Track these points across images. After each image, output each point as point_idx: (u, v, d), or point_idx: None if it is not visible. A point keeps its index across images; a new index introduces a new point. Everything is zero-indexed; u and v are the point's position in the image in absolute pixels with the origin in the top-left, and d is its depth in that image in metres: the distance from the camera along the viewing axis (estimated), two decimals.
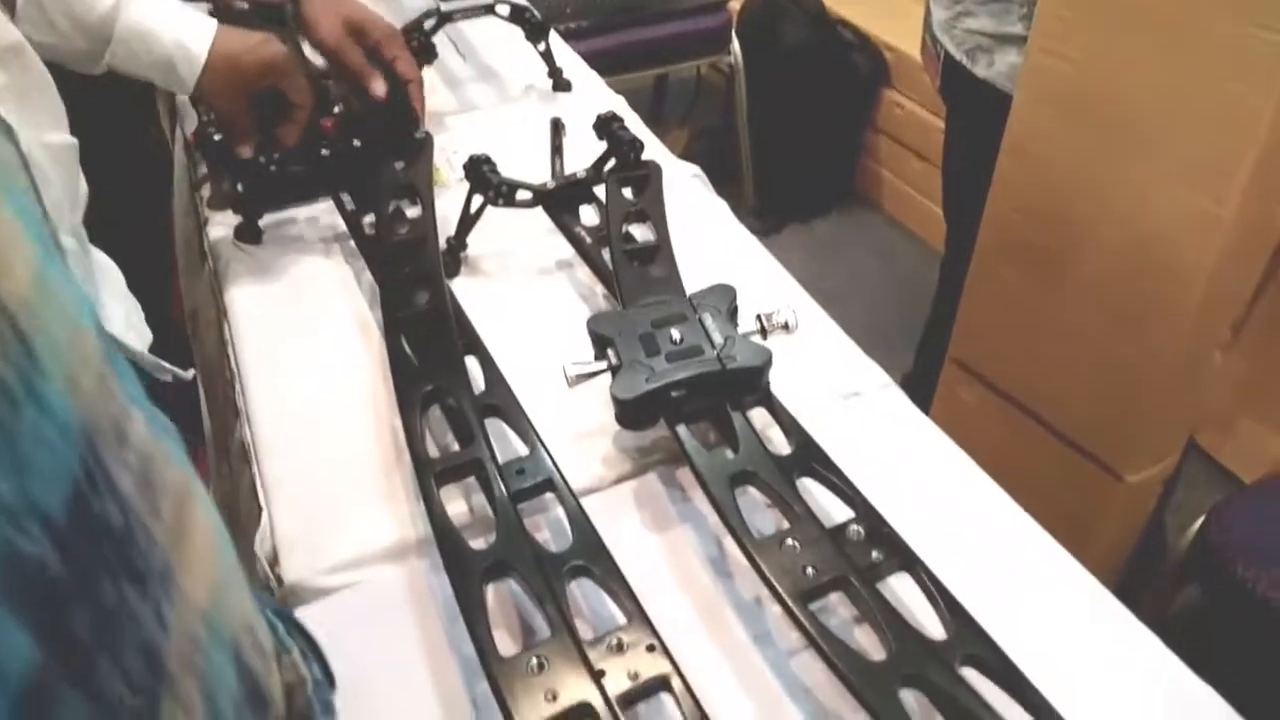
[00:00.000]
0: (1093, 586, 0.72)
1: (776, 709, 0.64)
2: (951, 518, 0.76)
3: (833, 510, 0.72)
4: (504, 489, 0.70)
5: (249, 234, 1.06)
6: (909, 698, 0.57)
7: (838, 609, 0.67)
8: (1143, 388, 1.23)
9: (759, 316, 0.81)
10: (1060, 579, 0.73)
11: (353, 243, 1.03)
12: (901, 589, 0.66)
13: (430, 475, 0.71)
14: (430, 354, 0.82)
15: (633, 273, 0.90)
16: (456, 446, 0.76)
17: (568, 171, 1.05)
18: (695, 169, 1.24)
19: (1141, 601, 0.68)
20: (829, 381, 0.89)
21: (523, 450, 0.76)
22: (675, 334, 0.78)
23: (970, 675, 0.58)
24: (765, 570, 0.64)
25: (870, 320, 0.90)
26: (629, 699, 0.58)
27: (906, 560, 0.66)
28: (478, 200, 0.98)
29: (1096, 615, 0.70)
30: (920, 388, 1.51)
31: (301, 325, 0.96)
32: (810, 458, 0.74)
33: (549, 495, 0.74)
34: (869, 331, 0.92)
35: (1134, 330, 1.24)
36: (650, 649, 0.61)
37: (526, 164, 1.04)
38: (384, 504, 0.77)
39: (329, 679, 0.40)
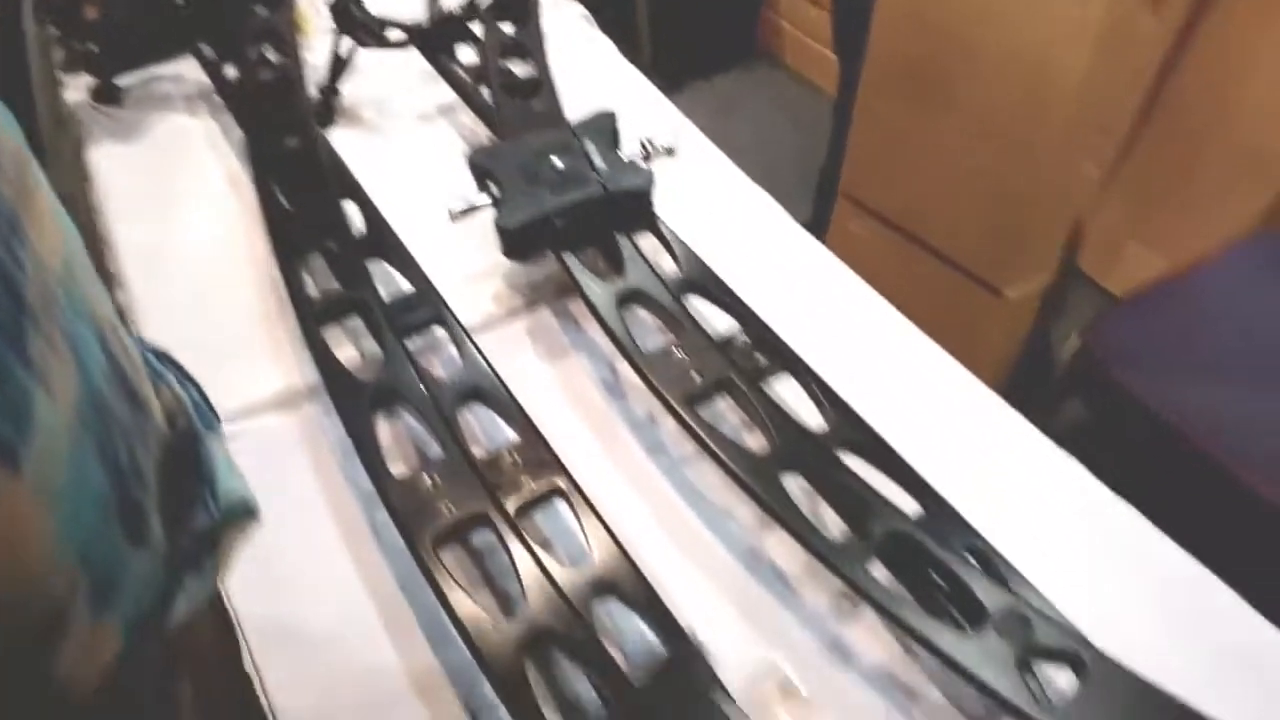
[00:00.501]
0: (980, 389, 0.75)
1: (670, 511, 0.66)
2: (839, 330, 0.78)
3: (723, 328, 0.73)
4: (389, 323, 0.69)
5: (107, 95, 1.00)
6: (792, 484, 0.60)
7: (727, 415, 0.69)
8: (1018, 202, 1.26)
9: (641, 141, 0.80)
10: (948, 384, 0.75)
11: (219, 97, 0.98)
12: (786, 390, 0.67)
13: (312, 315, 0.70)
14: (304, 199, 0.80)
15: (513, 107, 0.88)
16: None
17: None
18: (582, 10, 1.20)
19: (1028, 417, 0.72)
20: (716, 206, 0.89)
21: (409, 290, 0.75)
22: (557, 162, 0.77)
23: (857, 467, 0.61)
24: (653, 380, 0.65)
25: (772, 174, 0.90)
26: (525, 509, 0.59)
27: (789, 362, 0.67)
28: (347, 43, 0.94)
29: (985, 418, 0.73)
30: (817, 232, 1.53)
31: (170, 185, 0.92)
32: (698, 277, 0.75)
33: (439, 332, 0.73)
34: (770, 186, 0.92)
35: (1011, 147, 1.26)
36: (544, 464, 0.61)
37: (401, 8, 0.99)
38: (269, 354, 0.76)
39: (207, 402, 0.41)
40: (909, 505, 0.59)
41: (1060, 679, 0.50)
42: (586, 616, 0.54)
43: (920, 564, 0.55)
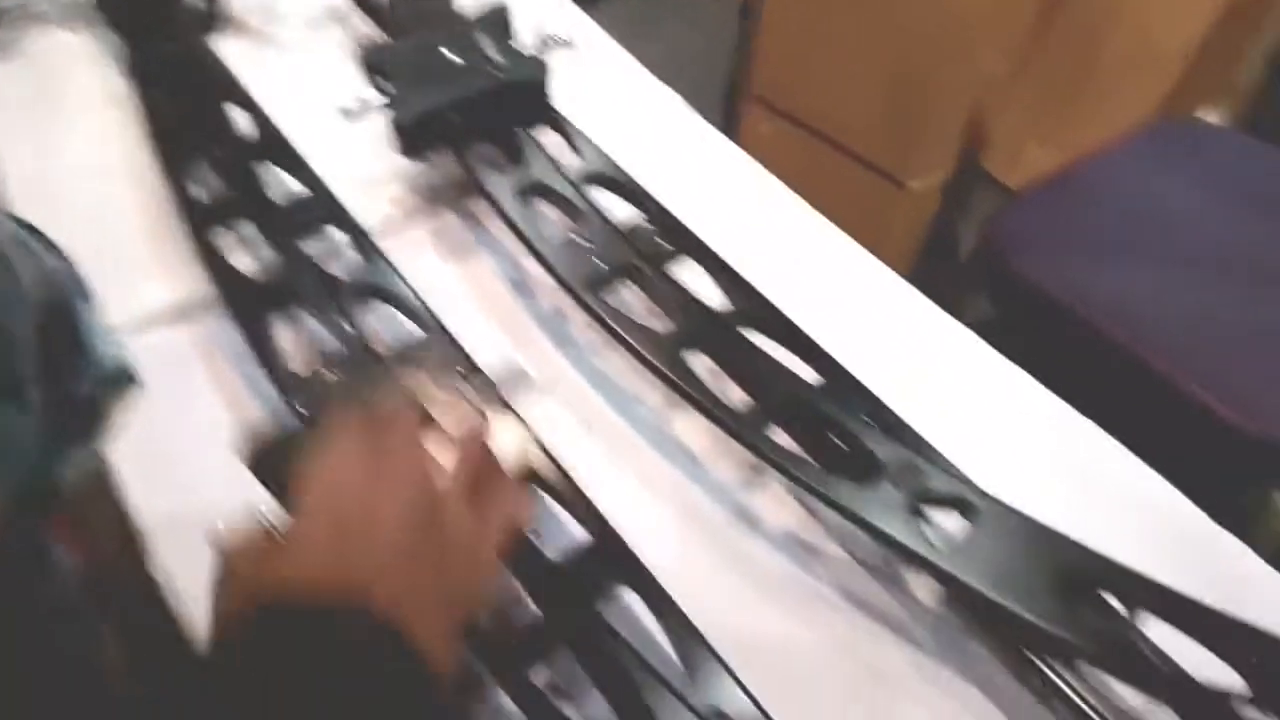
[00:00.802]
0: (885, 273, 0.76)
1: (580, 397, 0.67)
2: (746, 220, 0.78)
3: (626, 217, 0.73)
4: (282, 225, 0.67)
5: None
6: (697, 363, 0.60)
7: (633, 306, 0.69)
8: (919, 94, 1.27)
9: (537, 35, 0.79)
10: (855, 270, 0.77)
11: (98, 9, 0.93)
12: (689, 274, 0.67)
13: (199, 221, 0.68)
14: (188, 107, 0.77)
15: (405, 6, 0.85)
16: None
17: None
18: None
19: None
20: (621, 105, 0.89)
21: (303, 193, 0.73)
22: (451, 57, 0.75)
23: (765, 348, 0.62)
24: (556, 269, 0.65)
25: (682, 82, 0.89)
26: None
27: (692, 247, 0.68)
28: None
29: (890, 300, 0.75)
30: (727, 136, 1.53)
31: (51, 102, 0.88)
32: (599, 168, 0.74)
33: (337, 235, 0.72)
34: (680, 93, 0.91)
35: (911, 40, 1.27)
36: (449, 358, 0.61)
37: None
38: (161, 267, 0.73)
39: (79, 276, 0.40)
40: (810, 375, 0.60)
41: (951, 524, 0.53)
42: None
43: (819, 427, 0.57)
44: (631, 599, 0.53)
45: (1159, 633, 0.49)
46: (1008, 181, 1.79)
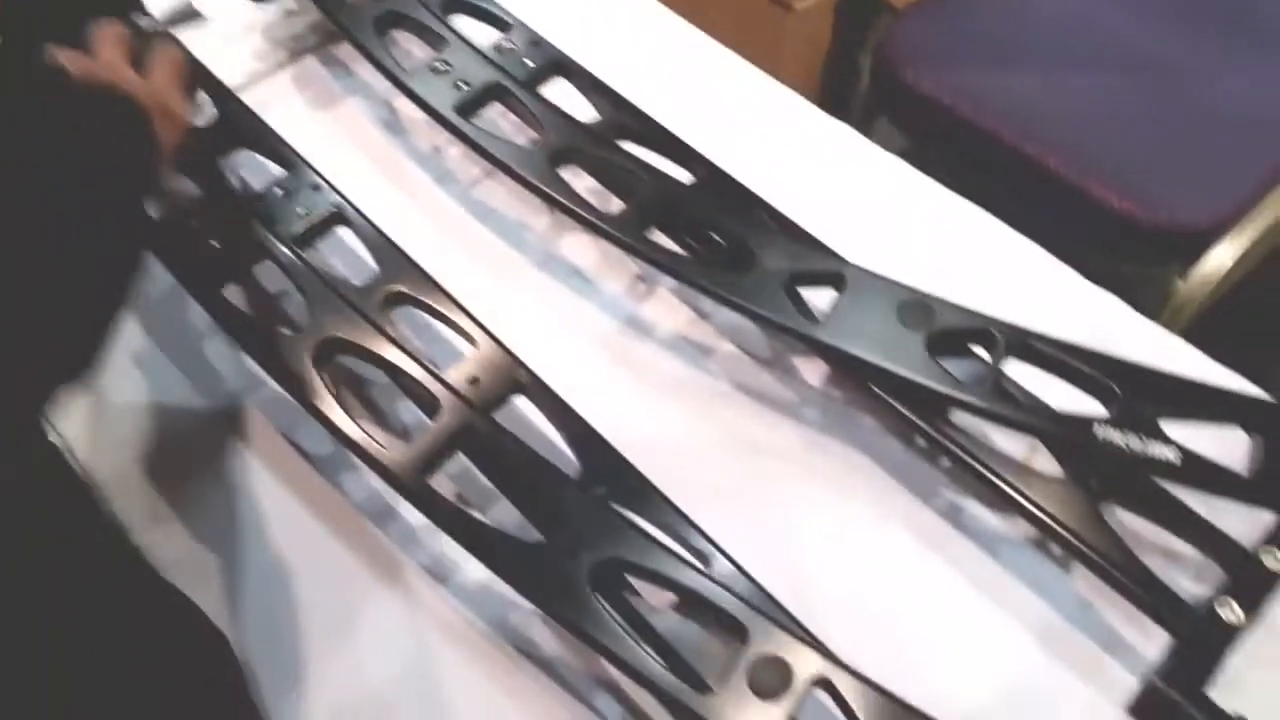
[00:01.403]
0: (780, 90, 0.75)
1: (465, 230, 0.66)
2: (629, 46, 0.76)
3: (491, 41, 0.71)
4: None
5: None
6: (574, 179, 0.60)
7: (505, 129, 0.68)
8: None
9: None
10: (749, 89, 0.75)
11: None
12: (561, 95, 0.66)
13: None
14: None
15: None
16: None
17: None
18: None
19: None
20: None
21: None
22: None
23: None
24: (421, 96, 0.63)
25: None
26: (305, 237, 0.58)
27: (561, 66, 0.66)
28: None
29: (787, 116, 0.74)
30: None
31: None
32: None
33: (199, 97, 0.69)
34: None
35: None
36: (318, 189, 0.60)
37: None
38: None
39: None
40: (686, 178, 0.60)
41: (826, 299, 0.54)
42: (381, 323, 0.54)
43: (696, 225, 0.57)
44: (525, 406, 0.54)
45: (1025, 374, 0.51)
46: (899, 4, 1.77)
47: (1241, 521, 0.47)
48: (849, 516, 0.54)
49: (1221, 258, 1.01)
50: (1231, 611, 0.42)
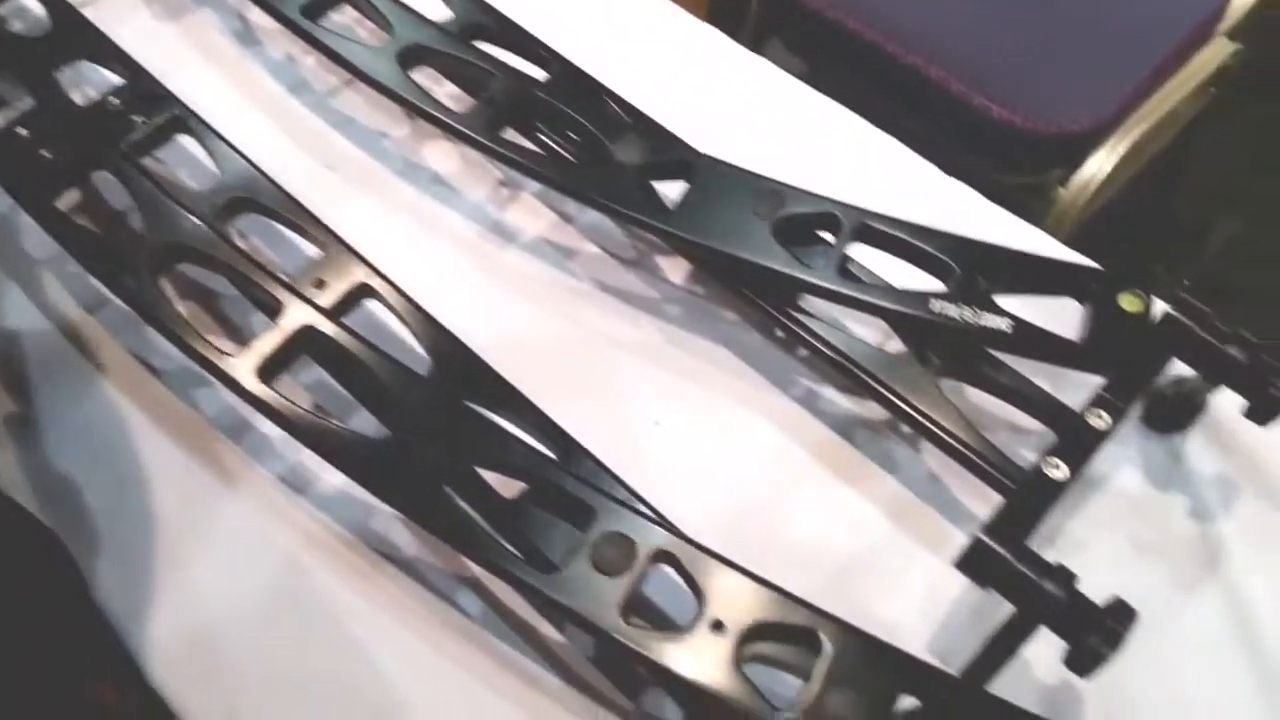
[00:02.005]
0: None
1: (321, 139, 0.64)
2: None
3: None
4: None
5: None
6: (419, 77, 0.59)
7: (358, 33, 0.66)
8: None
9: None
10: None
11: None
12: None
13: None
14: None
15: None
16: None
17: None
18: None
19: None
20: None
21: None
22: None
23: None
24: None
25: None
26: (142, 147, 0.56)
27: None
28: None
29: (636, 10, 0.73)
30: None
31: None
32: None
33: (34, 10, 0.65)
34: None
35: None
36: (156, 97, 0.57)
37: None
38: None
39: None
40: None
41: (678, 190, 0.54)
42: (222, 229, 0.52)
43: (551, 122, 0.57)
44: (379, 310, 0.53)
45: (870, 257, 0.52)
46: None
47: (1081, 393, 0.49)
48: (708, 407, 0.55)
49: (1100, 163, 1.03)
50: (1057, 469, 0.43)
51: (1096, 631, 0.38)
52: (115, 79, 0.59)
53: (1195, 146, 1.36)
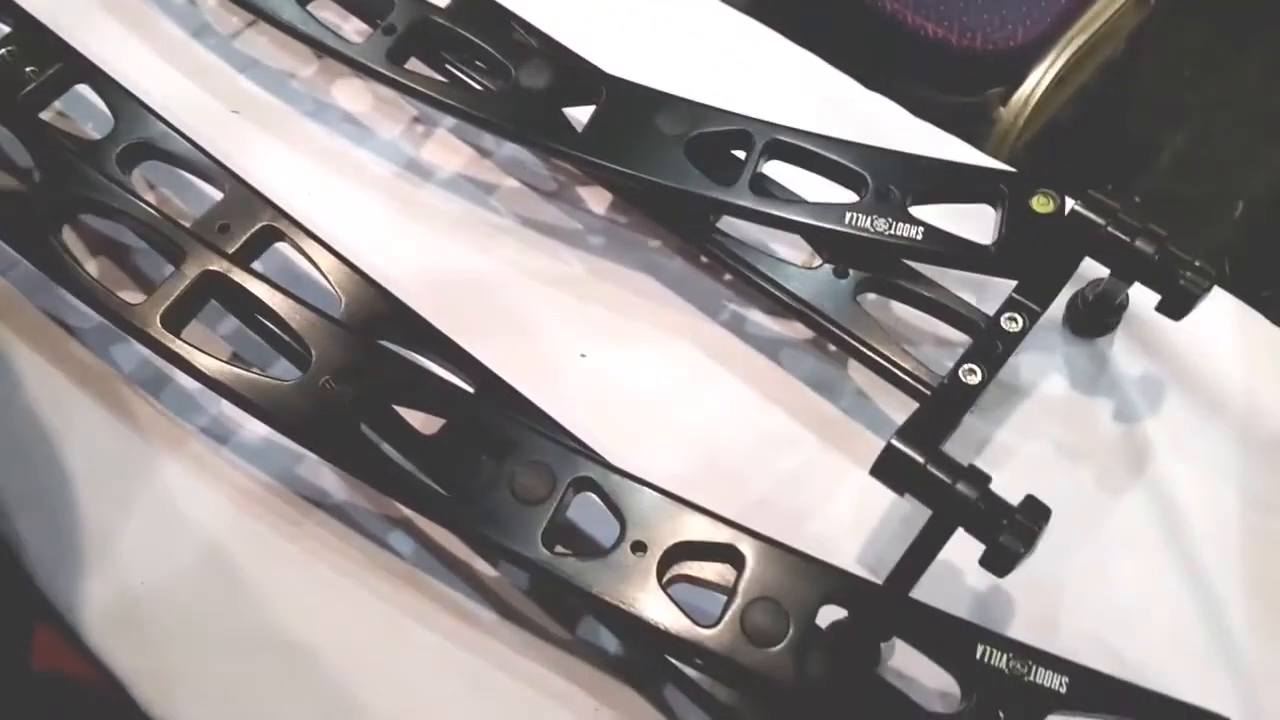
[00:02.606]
0: None
1: (229, 84, 0.62)
2: None
3: None
4: None
5: None
6: (325, 14, 0.57)
7: None
8: None
9: None
10: None
11: None
12: None
13: None
14: None
15: None
16: None
17: None
18: None
19: None
20: None
21: None
22: None
23: None
24: None
25: None
26: (34, 98, 0.54)
27: None
28: None
29: None
30: None
31: None
32: None
33: None
34: None
35: None
36: (49, 47, 0.55)
37: None
38: None
39: None
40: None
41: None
42: (123, 180, 0.51)
43: (455, 51, 0.55)
44: (288, 251, 0.52)
45: (786, 174, 0.51)
46: None
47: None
48: (634, 336, 0.54)
49: (1038, 79, 1.03)
50: (973, 374, 0.43)
51: (1010, 530, 0.38)
52: (4, 29, 0.57)
53: (1140, 60, 1.36)
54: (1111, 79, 1.32)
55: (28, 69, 0.55)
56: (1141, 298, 0.49)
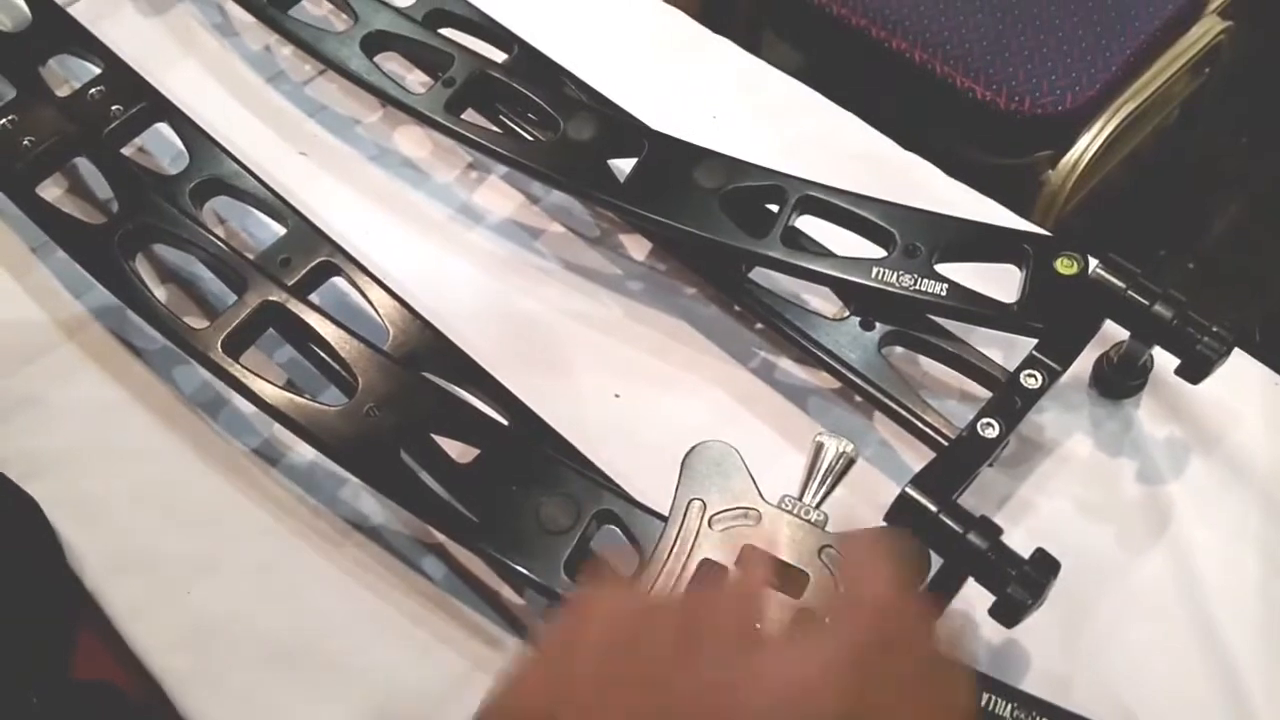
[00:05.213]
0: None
1: (296, 127, 0.66)
2: None
3: None
4: None
5: None
6: (392, 65, 0.60)
7: (333, 23, 0.68)
8: None
9: None
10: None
11: None
12: None
13: None
14: None
15: None
16: None
17: None
18: None
19: None
20: None
21: None
22: None
23: None
24: None
25: None
26: (118, 135, 0.58)
27: None
28: None
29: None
30: None
31: None
32: None
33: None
34: None
35: None
36: (134, 87, 0.60)
37: None
38: None
39: None
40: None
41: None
42: (193, 213, 0.54)
43: (510, 103, 0.58)
44: (345, 288, 0.55)
45: (818, 228, 0.53)
46: None
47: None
48: (666, 379, 0.56)
49: (1088, 144, 1.04)
50: (990, 427, 0.44)
51: (1019, 581, 0.39)
52: (95, 70, 0.61)
53: (1193, 128, 1.36)
54: (1165, 145, 1.32)
55: (114, 107, 0.59)
56: (1167, 362, 0.50)
